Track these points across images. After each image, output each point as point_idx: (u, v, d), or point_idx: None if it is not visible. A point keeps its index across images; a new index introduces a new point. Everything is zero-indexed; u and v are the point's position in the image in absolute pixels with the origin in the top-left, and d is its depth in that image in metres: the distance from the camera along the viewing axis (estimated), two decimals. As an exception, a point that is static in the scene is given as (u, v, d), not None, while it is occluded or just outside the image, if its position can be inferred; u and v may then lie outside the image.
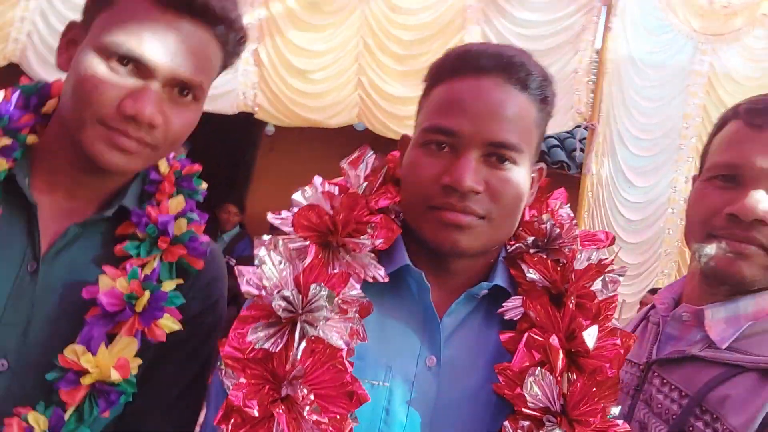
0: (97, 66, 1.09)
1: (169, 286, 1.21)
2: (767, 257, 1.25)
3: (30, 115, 1.20)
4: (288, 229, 1.17)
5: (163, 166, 1.31)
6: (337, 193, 1.22)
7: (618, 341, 1.17)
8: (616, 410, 1.15)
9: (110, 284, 1.16)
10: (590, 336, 1.14)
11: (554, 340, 1.14)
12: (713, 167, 1.33)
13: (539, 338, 1.15)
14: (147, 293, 1.17)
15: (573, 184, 5.96)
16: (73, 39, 1.18)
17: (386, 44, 5.50)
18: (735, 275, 1.26)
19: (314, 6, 5.43)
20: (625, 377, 1.42)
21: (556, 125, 5.66)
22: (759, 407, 1.15)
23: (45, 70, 5.22)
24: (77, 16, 1.23)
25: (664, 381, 1.34)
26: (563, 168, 7.04)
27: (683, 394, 1.28)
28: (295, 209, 1.17)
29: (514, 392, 1.11)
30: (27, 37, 5.24)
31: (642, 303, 5.16)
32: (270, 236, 1.14)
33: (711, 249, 1.29)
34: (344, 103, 5.52)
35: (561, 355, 1.13)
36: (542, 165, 1.31)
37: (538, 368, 1.11)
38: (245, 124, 5.39)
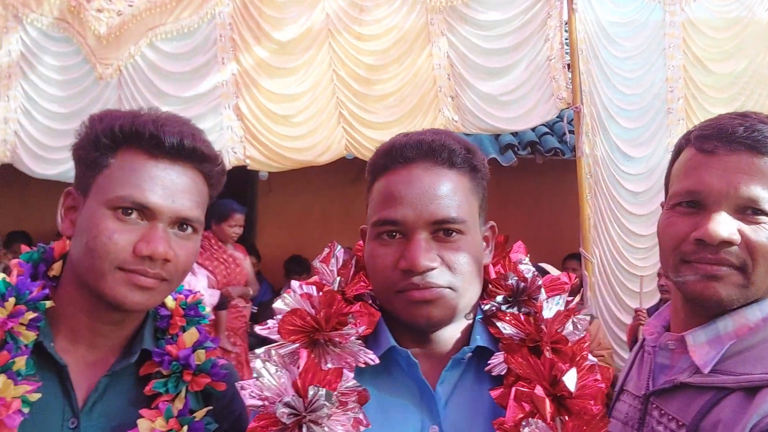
0: (107, 220, 1.23)
1: (201, 414, 1.35)
2: (740, 276, 1.27)
3: (42, 282, 1.31)
4: (276, 336, 1.28)
5: (170, 302, 1.45)
6: (314, 292, 1.33)
7: (598, 376, 1.26)
8: None
9: (150, 426, 1.29)
10: (570, 379, 1.24)
11: (539, 390, 1.24)
12: (675, 195, 1.36)
13: (526, 390, 1.25)
14: (185, 429, 1.30)
15: (570, 168, 5.98)
16: (71, 206, 1.33)
17: (358, 72, 5.58)
18: (711, 297, 1.28)
19: (282, 50, 5.54)
20: (628, 410, 1.45)
21: (540, 116, 5.70)
22: (744, 426, 1.16)
23: (36, 164, 5.42)
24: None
25: (662, 412, 1.35)
26: (557, 154, 7.03)
27: (680, 423, 1.29)
28: (279, 317, 1.29)
29: None
30: (15, 135, 5.41)
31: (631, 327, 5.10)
32: (262, 349, 1.26)
33: (686, 275, 1.31)
34: (330, 138, 5.61)
35: (548, 403, 1.23)
36: (492, 223, 1.42)
37: (531, 419, 1.21)
38: (240, 175, 5.50)
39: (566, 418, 1.23)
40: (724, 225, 1.25)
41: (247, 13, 5.54)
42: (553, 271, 3.61)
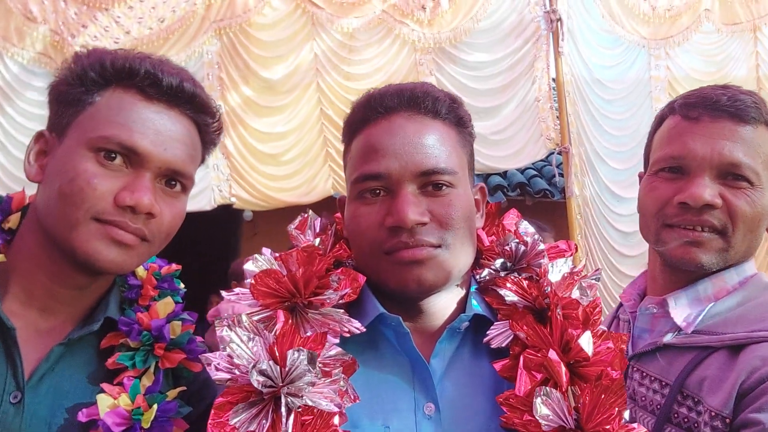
0: (87, 162, 1.06)
1: (173, 395, 1.16)
2: (721, 240, 1.32)
3: None
4: (248, 302, 1.12)
5: (141, 270, 1.27)
6: (293, 256, 1.17)
7: (611, 344, 1.14)
8: (626, 414, 1.11)
9: (112, 402, 1.10)
10: (586, 342, 1.12)
11: (552, 354, 1.10)
12: (658, 161, 1.40)
13: (536, 357, 1.12)
14: (154, 407, 1.11)
15: (560, 209, 5.95)
16: (42, 150, 1.15)
17: (346, 111, 5.52)
18: (692, 261, 1.33)
19: (270, 89, 5.50)
20: None
21: (530, 156, 5.70)
22: (733, 383, 1.20)
23: (17, 184, 5.25)
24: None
25: (644, 374, 1.38)
26: (546, 196, 7.02)
27: (664, 383, 1.33)
28: (250, 280, 1.13)
29: (523, 419, 1.07)
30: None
31: None
32: (230, 314, 1.08)
33: (668, 241, 1.36)
34: (317, 177, 5.53)
35: (563, 367, 1.09)
36: (482, 184, 1.30)
37: (544, 387, 1.08)
38: (224, 216, 5.39)
39: (579, 388, 1.09)
40: (707, 188, 1.30)
41: (234, 52, 5.51)
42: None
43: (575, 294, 1.20)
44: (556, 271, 1.23)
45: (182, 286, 1.35)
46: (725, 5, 6.37)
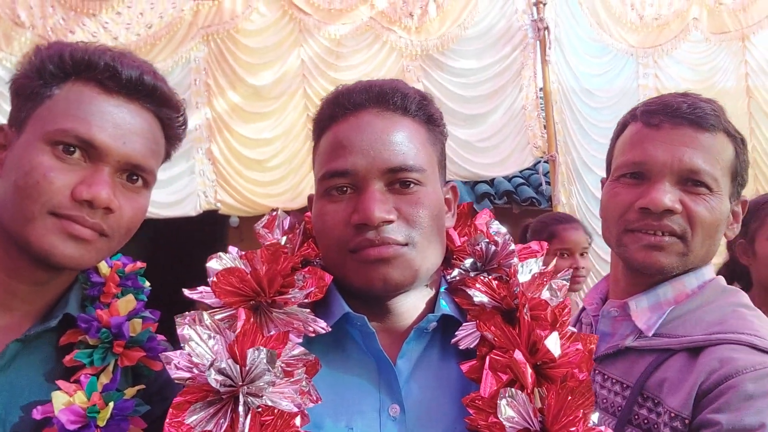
0: (43, 155, 1.04)
1: (131, 393, 1.14)
2: (681, 244, 1.35)
3: None
4: (211, 301, 1.09)
5: (104, 267, 1.24)
6: (257, 254, 1.15)
7: (580, 346, 1.12)
8: (595, 417, 1.09)
9: (67, 400, 1.07)
10: (553, 343, 1.10)
11: (518, 354, 1.09)
12: (620, 167, 1.42)
13: (502, 358, 1.09)
14: (110, 405, 1.09)
15: (547, 218, 5.93)
16: (1, 144, 1.13)
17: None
18: (654, 265, 1.35)
19: (256, 95, 5.48)
20: None
21: (517, 163, 5.70)
22: (692, 385, 1.22)
23: None
24: None
25: (606, 377, 1.40)
26: (533, 204, 7.02)
27: (625, 385, 1.35)
28: (213, 278, 1.10)
29: (488, 421, 1.04)
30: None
31: None
32: (191, 312, 1.05)
33: (629, 245, 1.38)
34: (303, 183, 5.50)
35: (529, 368, 1.07)
36: (453, 183, 1.28)
37: (509, 389, 1.05)
38: (210, 222, 5.38)
39: (546, 389, 1.07)
40: (667, 194, 1.32)
41: (222, 58, 5.50)
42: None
43: (545, 295, 1.18)
44: (526, 271, 1.21)
45: (147, 284, 1.33)
46: (713, 14, 6.39)
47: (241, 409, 0.97)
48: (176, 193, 5.37)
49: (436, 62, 5.66)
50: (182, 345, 1.02)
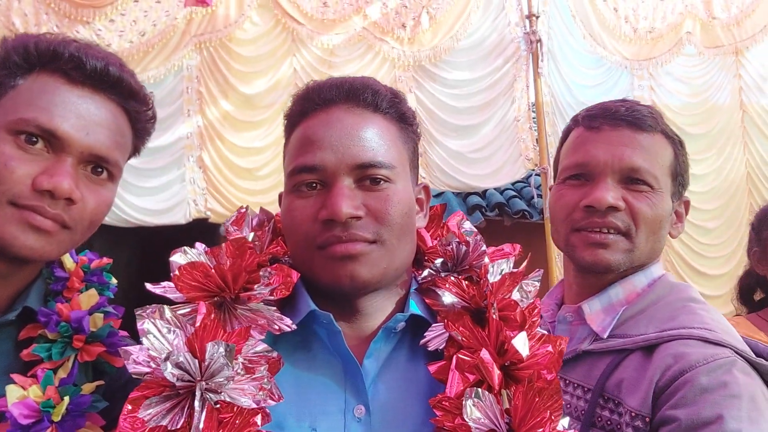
0: (5, 145, 1.02)
1: (89, 389, 1.12)
2: (626, 241, 1.39)
3: None
4: (174, 296, 1.07)
5: (69, 262, 1.22)
6: (222, 249, 1.13)
7: (550, 347, 1.11)
8: (565, 422, 1.08)
9: (21, 394, 1.05)
10: (521, 343, 1.09)
11: (485, 354, 1.07)
12: (565, 170, 1.47)
13: (470, 358, 1.08)
14: (65, 400, 1.06)
15: (539, 231, 5.89)
16: None
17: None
18: (600, 263, 1.38)
19: (248, 104, 5.48)
20: None
21: (508, 176, 5.69)
22: (649, 383, 1.24)
23: None
24: None
25: (567, 381, 1.42)
26: (525, 217, 7.00)
27: (586, 389, 1.37)
28: (175, 272, 1.08)
29: (455, 422, 1.03)
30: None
31: None
32: (151, 306, 1.03)
33: (576, 244, 1.41)
34: (293, 193, 5.52)
35: (496, 368, 1.06)
36: (426, 183, 1.28)
37: (475, 389, 1.04)
38: (199, 230, 5.35)
39: (514, 390, 1.06)
40: (610, 192, 1.36)
41: (214, 66, 5.50)
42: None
43: (515, 296, 1.17)
44: (497, 272, 1.20)
45: (114, 281, 1.31)
46: (707, 28, 6.41)
47: (197, 404, 0.95)
48: (166, 200, 5.35)
49: (429, 73, 5.66)
50: (141, 339, 1.00)
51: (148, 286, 1.10)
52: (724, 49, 6.45)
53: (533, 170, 5.71)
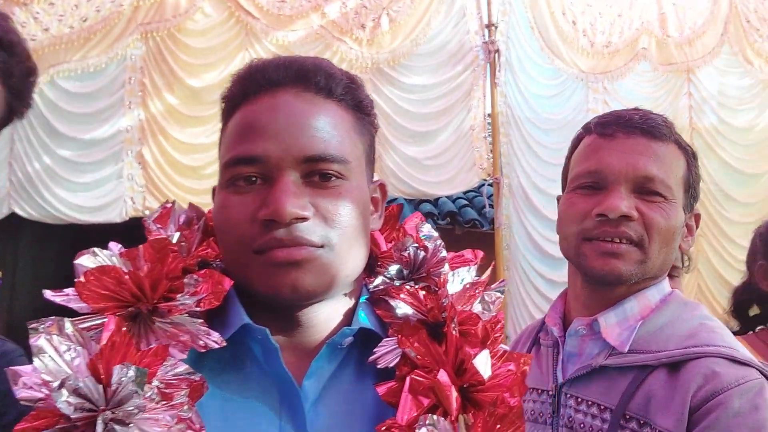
0: None
1: None
2: (638, 252, 1.35)
3: None
4: (78, 306, 0.88)
5: None
6: (139, 251, 0.93)
7: (512, 366, 0.98)
8: None
9: None
10: (483, 363, 0.95)
11: (442, 375, 0.92)
12: (576, 178, 1.43)
13: (425, 379, 0.93)
14: None
15: (488, 240, 5.86)
16: None
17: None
18: (612, 272, 1.35)
19: (195, 98, 5.25)
20: (534, 407, 1.46)
21: (462, 184, 5.65)
22: (682, 402, 1.22)
23: None
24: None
25: (580, 399, 1.38)
26: (476, 226, 7.01)
27: (603, 407, 1.33)
28: (81, 278, 0.89)
29: None
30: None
31: None
32: (49, 319, 0.84)
33: (587, 253, 1.37)
34: (239, 193, 5.31)
35: (454, 391, 0.92)
36: (381, 180, 1.13)
37: (430, 415, 0.90)
38: (137, 230, 5.06)
39: (472, 416, 0.93)
40: (623, 200, 1.34)
41: (160, 57, 5.25)
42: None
43: (476, 308, 1.04)
44: (457, 281, 1.06)
45: None
46: (661, 46, 6.49)
47: None
48: (101, 197, 5.07)
49: (387, 77, 5.55)
50: (33, 358, 0.82)
51: (47, 293, 0.90)
52: (677, 66, 6.55)
53: (486, 180, 5.66)
